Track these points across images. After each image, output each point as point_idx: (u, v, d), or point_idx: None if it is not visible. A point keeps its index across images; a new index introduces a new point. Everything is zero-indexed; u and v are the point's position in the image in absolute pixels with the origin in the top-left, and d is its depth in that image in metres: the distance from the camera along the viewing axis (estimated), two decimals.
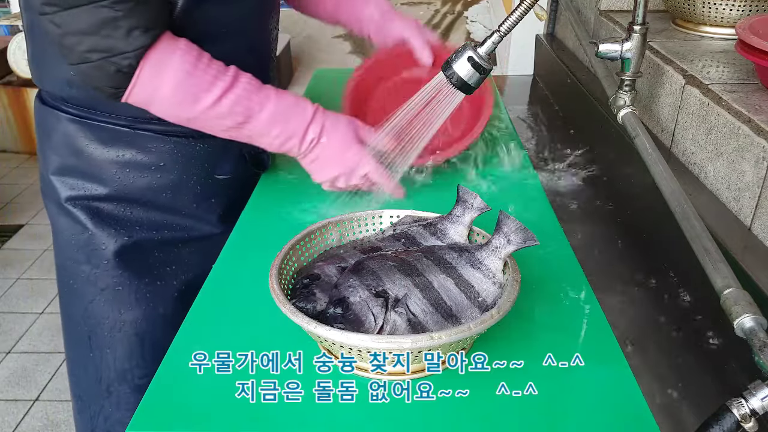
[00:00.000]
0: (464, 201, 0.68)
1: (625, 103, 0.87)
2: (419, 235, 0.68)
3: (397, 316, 0.57)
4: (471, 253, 0.62)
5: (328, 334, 0.54)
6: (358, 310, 0.58)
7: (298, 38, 3.77)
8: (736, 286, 0.55)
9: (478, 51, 0.80)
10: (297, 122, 0.79)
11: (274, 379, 0.59)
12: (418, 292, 0.59)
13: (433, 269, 0.61)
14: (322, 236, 0.71)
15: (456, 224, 0.68)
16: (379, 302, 0.58)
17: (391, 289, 0.59)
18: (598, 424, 0.55)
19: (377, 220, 0.73)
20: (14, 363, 1.95)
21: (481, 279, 0.60)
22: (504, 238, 0.61)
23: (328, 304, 0.60)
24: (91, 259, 0.87)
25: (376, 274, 0.60)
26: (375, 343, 0.54)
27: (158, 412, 0.56)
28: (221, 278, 0.74)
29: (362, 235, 0.73)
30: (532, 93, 1.54)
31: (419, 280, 0.59)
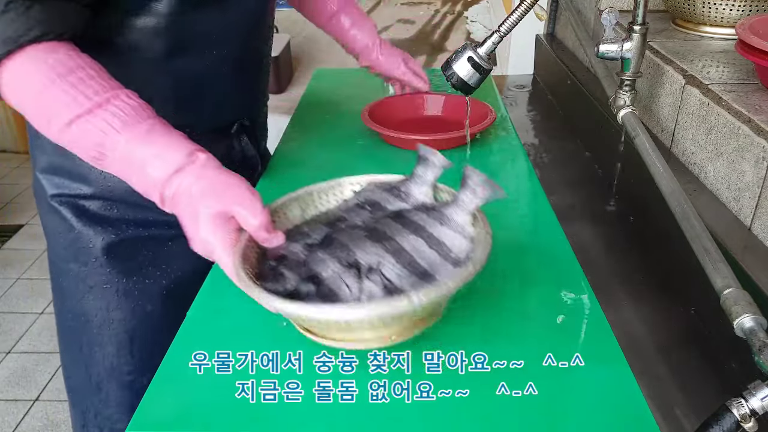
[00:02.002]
0: (425, 159, 0.66)
1: (625, 103, 0.87)
2: (384, 200, 0.66)
3: (373, 285, 0.56)
4: (439, 211, 0.61)
5: (303, 310, 0.52)
6: (331, 284, 0.56)
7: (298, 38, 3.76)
8: (736, 286, 0.55)
9: (478, 51, 0.80)
10: (155, 174, 0.64)
11: (274, 379, 0.59)
12: (390, 257, 0.58)
13: (403, 232, 0.60)
14: (284, 214, 0.68)
15: (419, 184, 0.66)
16: (352, 273, 0.57)
17: (362, 258, 0.57)
18: (598, 424, 0.55)
19: (338, 190, 0.70)
20: (14, 363, 1.95)
21: (452, 235, 0.60)
22: (470, 192, 0.60)
23: (299, 282, 0.58)
24: (78, 257, 0.87)
25: (346, 246, 0.59)
26: (354, 311, 0.52)
27: (158, 412, 0.56)
28: (221, 278, 0.74)
29: (325, 208, 0.70)
30: (532, 93, 1.54)
31: (390, 245, 0.58)
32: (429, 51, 3.81)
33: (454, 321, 0.66)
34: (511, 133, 1.11)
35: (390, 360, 0.61)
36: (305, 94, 1.29)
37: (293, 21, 4.10)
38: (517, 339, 0.63)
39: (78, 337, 0.92)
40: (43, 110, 0.65)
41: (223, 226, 0.62)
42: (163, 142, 0.65)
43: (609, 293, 0.82)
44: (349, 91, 1.32)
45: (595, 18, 1.25)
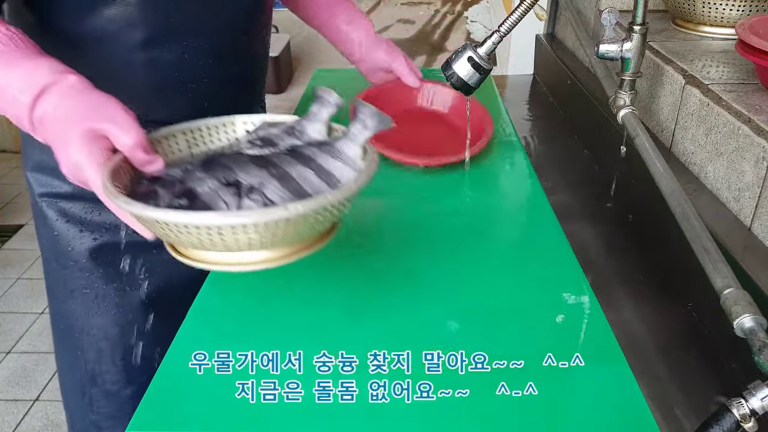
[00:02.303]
0: (320, 98, 0.65)
1: (625, 103, 0.87)
2: (276, 137, 0.64)
3: (253, 203, 0.54)
4: (330, 144, 0.61)
5: (168, 216, 0.49)
6: (207, 200, 0.54)
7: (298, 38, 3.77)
8: (736, 286, 0.55)
9: (478, 51, 0.80)
10: (22, 98, 0.61)
11: (274, 379, 0.59)
12: (275, 181, 0.56)
13: (292, 162, 0.58)
14: (168, 146, 0.64)
15: (313, 122, 0.64)
16: (231, 191, 0.54)
17: (244, 179, 0.55)
18: (598, 424, 0.55)
19: (230, 128, 0.67)
20: (14, 363, 1.95)
21: (341, 167, 0.59)
22: (361, 124, 0.60)
23: (171, 198, 0.55)
24: (59, 259, 0.87)
25: (228, 167, 0.56)
26: (223, 218, 0.48)
27: (158, 412, 0.56)
28: (221, 278, 0.74)
29: (216, 146, 0.66)
30: (532, 93, 1.54)
31: (276, 171, 0.57)
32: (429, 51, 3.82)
33: (454, 321, 0.66)
34: (511, 134, 1.11)
35: (390, 360, 0.61)
36: (305, 94, 1.29)
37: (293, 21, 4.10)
38: (517, 339, 0.63)
39: (64, 338, 0.92)
40: None
41: (92, 143, 0.58)
42: (30, 66, 0.61)
43: (609, 293, 0.82)
44: (349, 91, 1.32)
45: (595, 18, 1.25)
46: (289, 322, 0.66)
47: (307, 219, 0.51)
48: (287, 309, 0.68)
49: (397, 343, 0.63)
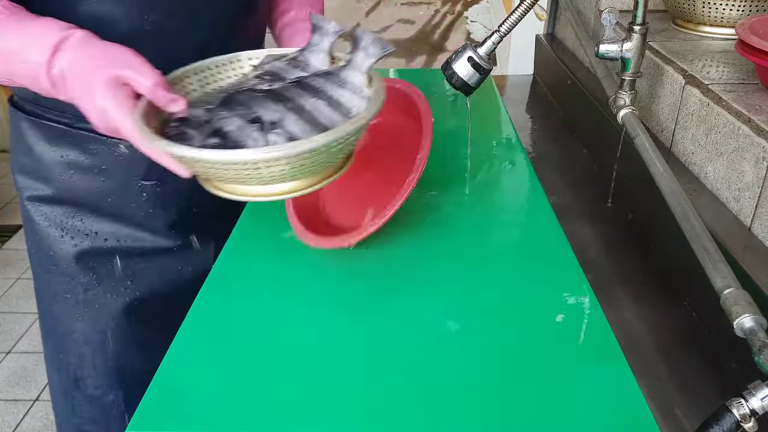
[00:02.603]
0: (319, 28, 0.67)
1: (625, 103, 0.87)
2: (282, 70, 0.67)
3: (277, 137, 0.57)
4: (335, 74, 0.63)
5: (216, 155, 0.53)
6: (236, 137, 0.57)
7: None
8: (736, 286, 0.55)
9: (478, 51, 0.80)
10: (36, 58, 0.62)
11: (274, 379, 0.59)
12: (292, 114, 0.59)
13: (303, 94, 0.61)
14: (182, 87, 0.67)
15: (316, 52, 0.67)
16: (256, 127, 0.57)
17: (264, 115, 0.58)
18: (598, 424, 0.55)
19: (237, 65, 0.71)
20: (14, 363, 1.95)
21: (349, 96, 0.62)
22: (363, 52, 0.62)
23: (204, 139, 0.58)
24: (43, 262, 0.87)
25: (247, 104, 0.59)
26: (259, 153, 0.53)
27: (158, 412, 0.56)
28: (221, 277, 0.74)
29: (226, 84, 0.70)
30: (532, 93, 1.54)
31: (291, 104, 0.60)
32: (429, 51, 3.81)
33: (454, 321, 0.66)
34: (511, 133, 1.11)
35: (391, 360, 0.61)
36: None
37: None
38: (517, 339, 0.63)
39: (49, 340, 0.92)
40: None
41: (116, 90, 0.60)
42: (39, 27, 0.63)
43: (609, 293, 0.82)
44: None
45: (595, 18, 1.25)
46: (288, 321, 0.66)
47: (330, 148, 0.56)
48: (287, 308, 0.68)
49: (397, 343, 0.63)
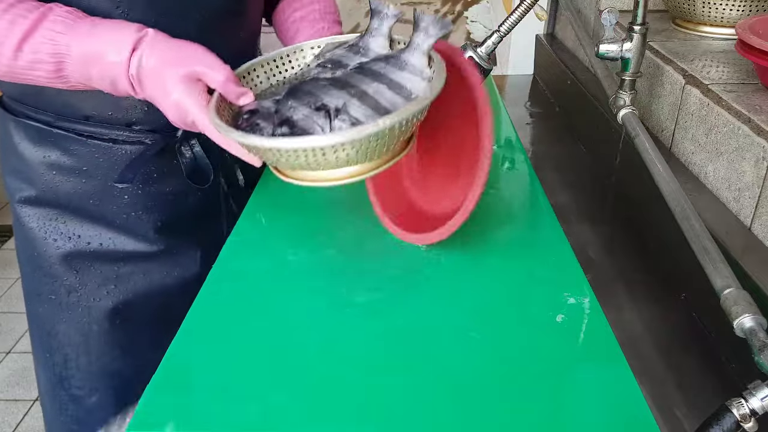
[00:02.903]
0: (378, 12, 0.68)
1: (625, 103, 0.87)
2: (344, 57, 0.68)
3: (342, 123, 0.59)
4: (396, 57, 0.64)
5: (282, 143, 0.56)
6: (304, 125, 0.59)
7: None
8: (736, 286, 0.55)
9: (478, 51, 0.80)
10: (114, 58, 0.65)
11: (274, 379, 0.59)
12: (356, 100, 0.60)
13: (365, 80, 0.62)
14: (249, 79, 0.70)
15: (376, 36, 0.68)
16: (322, 114, 0.60)
17: (330, 101, 0.60)
18: (598, 424, 0.55)
19: (300, 54, 0.73)
20: (14, 363, 1.96)
21: (410, 77, 0.62)
22: (423, 33, 0.63)
23: (274, 128, 0.61)
24: (29, 263, 0.87)
25: (312, 93, 0.61)
26: (326, 139, 0.55)
27: (158, 412, 0.56)
28: (221, 277, 0.74)
29: (289, 74, 0.73)
30: (532, 93, 1.54)
31: (354, 90, 0.61)
32: None
33: (455, 321, 0.66)
34: (511, 134, 1.11)
35: (391, 359, 0.61)
36: None
37: None
38: (517, 339, 0.63)
39: (36, 339, 0.92)
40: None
41: (191, 86, 0.64)
42: (110, 29, 0.66)
43: (609, 293, 0.82)
44: None
45: (595, 18, 1.25)
46: (288, 321, 0.66)
47: (393, 131, 0.57)
48: (287, 308, 0.68)
49: (397, 343, 0.63)
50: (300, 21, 0.88)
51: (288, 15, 0.90)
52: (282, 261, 0.76)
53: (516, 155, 1.02)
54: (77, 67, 0.66)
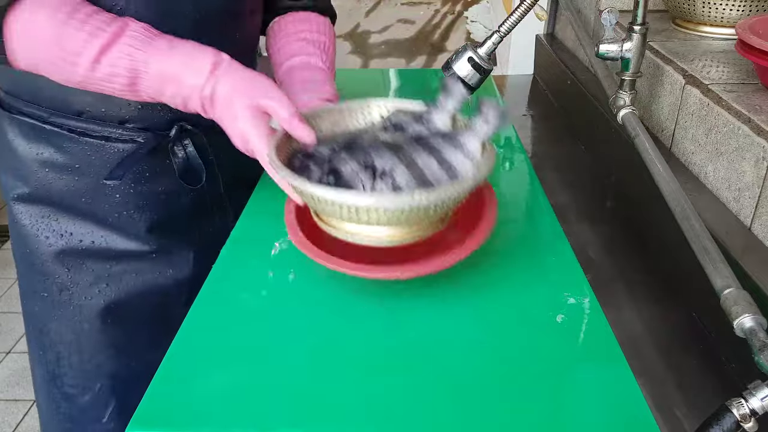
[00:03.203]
0: (447, 90, 0.71)
1: (625, 103, 0.87)
2: (407, 123, 0.71)
3: (384, 185, 0.63)
4: (453, 136, 0.67)
5: (321, 191, 0.60)
6: (348, 179, 0.63)
7: None
8: (736, 286, 0.55)
9: (478, 51, 0.80)
10: (192, 81, 0.69)
11: (274, 379, 0.59)
12: (403, 167, 0.63)
13: (419, 150, 0.65)
14: (314, 123, 0.73)
15: (440, 112, 0.70)
16: (368, 173, 0.63)
17: (379, 162, 0.63)
18: (598, 424, 0.55)
19: (366, 111, 0.76)
20: (14, 363, 1.96)
21: (462, 159, 0.65)
22: (483, 119, 0.65)
23: (322, 175, 0.64)
24: (24, 259, 0.87)
25: (366, 150, 0.64)
26: (361, 199, 0.59)
27: (158, 412, 0.56)
28: (222, 278, 0.74)
29: (354, 127, 0.76)
30: (532, 93, 1.54)
31: (405, 157, 0.64)
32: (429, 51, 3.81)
33: (455, 321, 0.66)
34: (511, 133, 1.11)
35: (391, 359, 0.61)
36: None
37: None
38: (517, 339, 0.63)
39: (31, 335, 0.93)
40: (64, 53, 0.67)
41: (257, 118, 0.69)
42: (187, 52, 0.70)
43: (609, 293, 0.82)
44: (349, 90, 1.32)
45: (595, 18, 1.25)
46: (288, 322, 0.66)
47: (428, 208, 0.60)
48: (287, 308, 0.68)
49: (396, 343, 0.63)
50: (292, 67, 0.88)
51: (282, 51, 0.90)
52: (282, 261, 0.76)
53: (516, 155, 1.02)
54: (152, 84, 0.69)
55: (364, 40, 3.89)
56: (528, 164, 1.00)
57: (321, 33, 0.92)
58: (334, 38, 0.95)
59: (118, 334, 0.89)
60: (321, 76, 0.87)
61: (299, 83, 0.85)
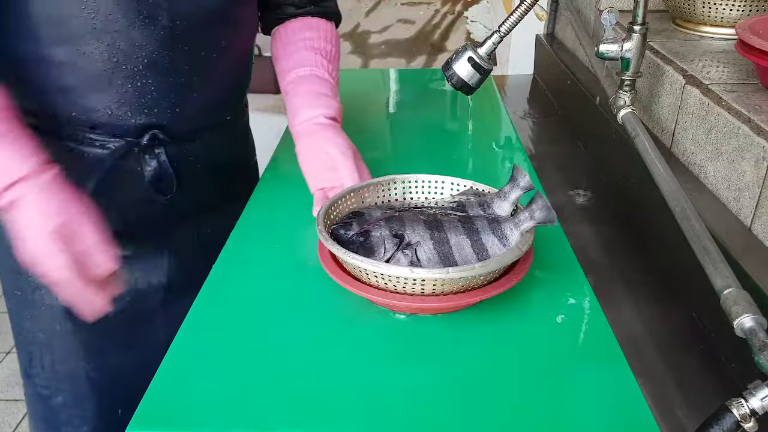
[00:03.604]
0: (514, 179, 0.72)
1: (625, 103, 0.87)
2: (469, 204, 0.74)
3: (403, 256, 0.65)
4: (498, 222, 0.68)
5: (338, 252, 0.63)
6: (374, 242, 0.66)
7: None
8: (736, 286, 0.55)
9: (478, 51, 0.80)
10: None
11: (274, 379, 0.59)
12: (431, 243, 0.66)
13: (458, 230, 0.67)
14: (386, 188, 0.78)
15: (502, 200, 0.72)
16: (394, 241, 0.66)
17: (408, 234, 0.66)
18: (598, 424, 0.55)
19: (440, 185, 0.79)
20: (14, 363, 1.95)
21: (497, 245, 0.66)
22: (529, 213, 0.66)
23: (355, 233, 0.68)
24: (2, 257, 0.86)
25: (403, 221, 0.68)
26: (371, 265, 0.61)
27: (158, 412, 0.56)
28: (221, 279, 0.74)
29: (423, 197, 0.79)
30: (532, 93, 1.54)
31: (438, 234, 0.67)
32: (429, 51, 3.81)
33: (454, 321, 0.66)
34: (511, 134, 1.11)
35: (391, 359, 0.61)
36: None
37: None
38: (517, 339, 0.63)
39: (13, 333, 0.92)
40: None
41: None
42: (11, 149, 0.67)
43: (609, 293, 0.82)
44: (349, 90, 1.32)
45: (595, 18, 1.25)
46: (288, 322, 0.66)
47: (435, 286, 0.62)
48: (287, 308, 0.68)
49: (395, 343, 0.63)
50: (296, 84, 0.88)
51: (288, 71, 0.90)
52: (282, 262, 0.76)
53: (516, 155, 1.02)
54: None
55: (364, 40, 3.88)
56: (528, 164, 1.00)
57: (327, 41, 0.91)
58: (339, 44, 0.95)
59: (90, 337, 0.88)
60: (327, 89, 0.87)
61: (305, 95, 0.86)
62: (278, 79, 0.92)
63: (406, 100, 1.32)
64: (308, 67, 0.88)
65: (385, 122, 1.22)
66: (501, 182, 0.98)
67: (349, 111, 1.15)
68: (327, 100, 0.86)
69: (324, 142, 0.82)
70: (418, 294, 0.63)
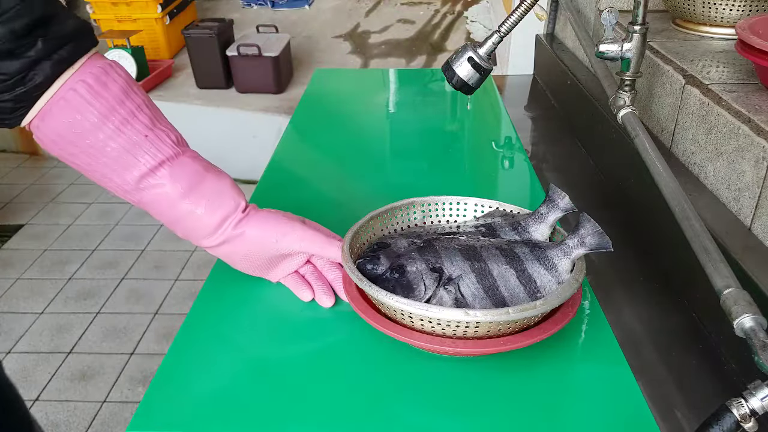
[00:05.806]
0: (551, 200, 0.66)
1: (625, 103, 0.87)
2: (500, 227, 0.68)
3: (445, 293, 0.59)
4: (543, 249, 0.62)
5: (374, 292, 0.57)
6: (411, 278, 0.60)
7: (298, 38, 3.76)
8: (736, 286, 0.55)
9: (478, 51, 0.80)
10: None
11: (274, 380, 0.59)
12: (473, 276, 0.60)
13: (499, 259, 0.61)
14: (405, 212, 0.72)
15: (539, 222, 0.66)
16: (434, 276, 0.59)
17: (447, 267, 0.60)
18: (598, 424, 0.55)
19: (462, 206, 0.73)
20: (14, 363, 1.96)
21: (546, 276, 0.60)
22: (579, 239, 0.60)
23: (388, 269, 0.62)
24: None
25: (438, 253, 0.62)
26: (408, 306, 0.55)
27: (158, 412, 0.56)
28: (220, 280, 0.74)
29: (446, 220, 0.73)
30: (532, 93, 1.54)
31: (479, 265, 0.60)
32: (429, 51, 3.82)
33: None
34: (511, 134, 1.11)
35: (391, 359, 0.61)
36: (305, 94, 1.29)
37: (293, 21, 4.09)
38: None
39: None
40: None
41: None
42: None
43: (609, 293, 0.82)
44: (349, 91, 1.33)
45: (595, 18, 1.25)
46: (288, 322, 0.66)
47: (484, 326, 0.55)
48: (286, 309, 0.68)
49: (395, 344, 0.63)
50: None
51: None
52: None
53: (516, 155, 1.02)
54: None
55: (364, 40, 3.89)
56: (528, 164, 1.00)
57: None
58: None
59: None
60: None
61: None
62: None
63: (406, 100, 1.32)
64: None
65: (385, 122, 1.22)
66: (502, 183, 0.98)
67: (349, 111, 1.15)
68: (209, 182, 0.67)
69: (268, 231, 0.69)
70: (470, 337, 0.56)
